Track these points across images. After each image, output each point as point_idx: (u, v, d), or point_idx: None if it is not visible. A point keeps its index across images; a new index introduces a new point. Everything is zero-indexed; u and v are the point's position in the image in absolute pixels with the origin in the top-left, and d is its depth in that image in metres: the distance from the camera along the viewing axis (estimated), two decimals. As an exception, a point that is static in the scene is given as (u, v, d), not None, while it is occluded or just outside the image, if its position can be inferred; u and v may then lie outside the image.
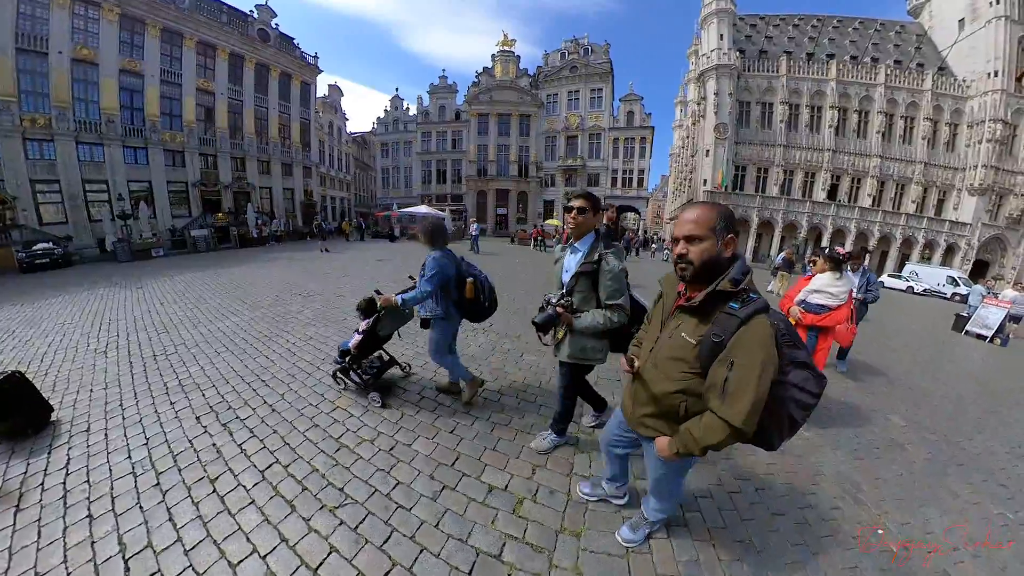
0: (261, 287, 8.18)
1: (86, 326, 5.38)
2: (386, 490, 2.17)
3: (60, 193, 17.16)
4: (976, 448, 3.17)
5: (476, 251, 17.30)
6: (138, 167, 19.70)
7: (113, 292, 7.96)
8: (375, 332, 3.05)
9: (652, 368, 1.37)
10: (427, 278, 2.66)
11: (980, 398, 4.48)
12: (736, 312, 1.15)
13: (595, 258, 1.96)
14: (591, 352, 2.11)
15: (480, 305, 2.85)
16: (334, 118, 37.17)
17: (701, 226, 1.19)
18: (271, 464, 2.37)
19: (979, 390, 4.80)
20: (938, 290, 19.78)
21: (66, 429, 2.71)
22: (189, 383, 3.44)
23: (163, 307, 6.44)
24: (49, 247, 13.39)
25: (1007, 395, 4.67)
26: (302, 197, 30.28)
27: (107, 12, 17.59)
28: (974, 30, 27.21)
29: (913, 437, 3.24)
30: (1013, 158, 27.07)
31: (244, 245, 19.95)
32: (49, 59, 16.24)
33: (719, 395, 1.15)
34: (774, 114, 29.63)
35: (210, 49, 21.96)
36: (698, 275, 1.24)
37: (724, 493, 2.28)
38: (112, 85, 18.09)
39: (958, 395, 4.49)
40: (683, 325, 1.28)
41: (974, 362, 6.42)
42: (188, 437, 2.60)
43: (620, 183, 32.63)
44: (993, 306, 8.68)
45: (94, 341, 4.71)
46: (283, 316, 5.79)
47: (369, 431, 2.75)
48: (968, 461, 2.95)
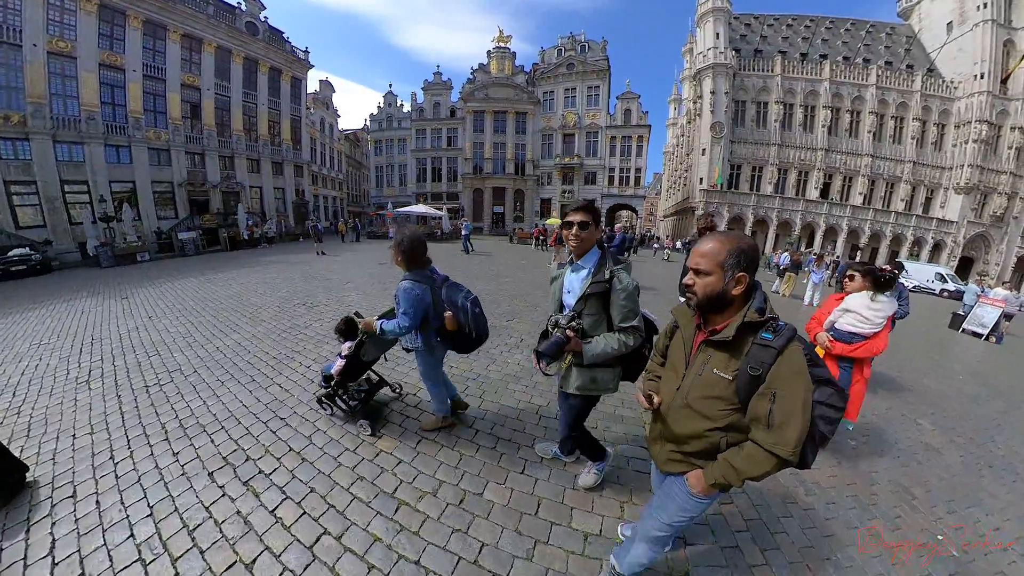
0: (260, 296, 7.61)
1: (66, 347, 4.79)
2: (472, 556, 1.83)
3: (37, 195, 16.09)
4: (1000, 449, 3.33)
5: (468, 251, 16.79)
6: (121, 167, 18.67)
7: (96, 303, 7.31)
8: (358, 357, 2.75)
9: (684, 408, 1.28)
10: (403, 311, 2.31)
11: (991, 398, 4.62)
12: (771, 343, 1.11)
13: (605, 276, 1.72)
14: (602, 383, 1.87)
15: (466, 337, 2.45)
16: (325, 115, 36.12)
17: (709, 261, 1.17)
18: (319, 536, 1.93)
19: (987, 389, 4.94)
20: (927, 286, 20.07)
21: (46, 495, 2.20)
22: (192, 424, 2.95)
23: (152, 322, 5.86)
24: (26, 253, 12.52)
25: (1012, 393, 4.87)
26: (293, 197, 29.35)
27: (85, 2, 16.51)
28: (962, 33, 27.61)
29: (944, 440, 3.37)
30: (997, 158, 27.65)
31: (235, 247, 19.14)
32: (23, 52, 15.15)
33: (763, 427, 1.12)
34: (769, 113, 29.73)
35: (196, 42, 20.92)
36: (702, 307, 1.23)
37: (801, 510, 2.31)
38: (92, 80, 17.04)
39: (971, 395, 4.63)
40: (712, 360, 1.22)
41: (976, 361, 6.57)
42: (203, 503, 2.13)
43: (617, 181, 32.47)
44: (988, 305, 8.96)
45: (75, 367, 4.15)
46: (290, 332, 5.29)
47: (428, 480, 2.34)
48: (997, 462, 3.10)
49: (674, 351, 1.40)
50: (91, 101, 17.05)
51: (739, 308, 1.19)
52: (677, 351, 1.38)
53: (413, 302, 2.29)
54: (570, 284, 1.87)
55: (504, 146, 32.95)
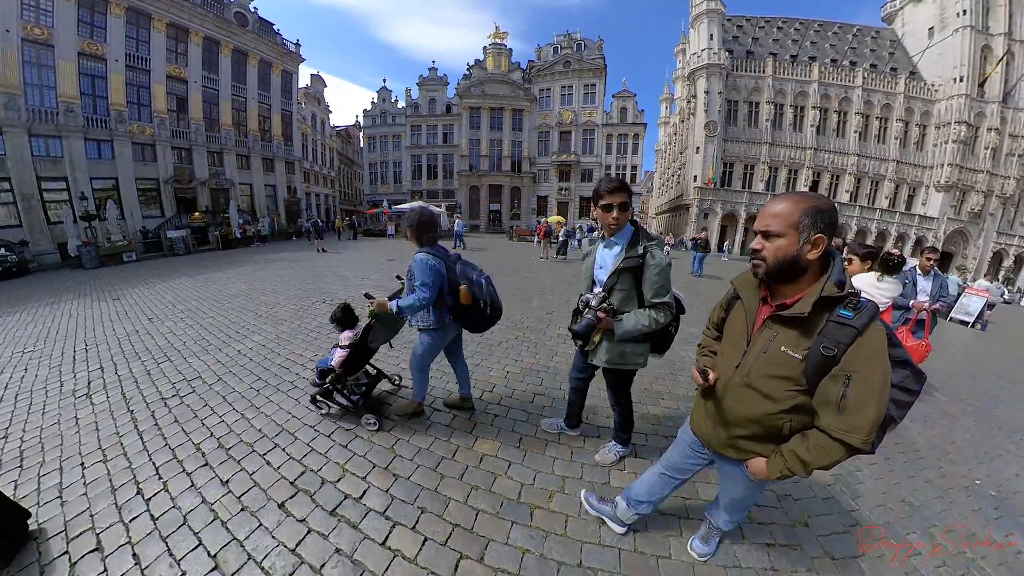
0: (271, 295, 6.96)
1: (55, 354, 4.12)
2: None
3: (12, 192, 14.84)
4: (1004, 415, 3.77)
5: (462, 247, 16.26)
6: (102, 162, 17.46)
7: (84, 305, 6.54)
8: (365, 344, 2.56)
9: (744, 388, 1.17)
10: (421, 283, 2.19)
11: (987, 375, 5.15)
12: (851, 322, 0.99)
13: (639, 252, 1.73)
14: (631, 357, 1.90)
15: (480, 313, 2.31)
16: (317, 110, 34.93)
17: (781, 221, 1.03)
18: (456, 562, 1.54)
19: (982, 368, 5.52)
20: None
21: (59, 548, 1.65)
22: (235, 443, 2.39)
23: (154, 325, 5.19)
24: (1, 254, 11.46)
25: (1004, 372, 5.41)
26: (285, 194, 28.25)
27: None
28: (943, 38, 28.39)
29: (958, 409, 3.78)
30: (975, 157, 28.54)
31: (227, 246, 18.16)
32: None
33: (834, 412, 1.01)
34: (760, 113, 30.03)
35: (182, 32, 19.76)
36: (772, 275, 1.10)
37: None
38: (71, 69, 15.82)
39: (970, 374, 5.14)
40: (780, 337, 1.10)
41: (967, 345, 7.11)
42: (285, 544, 1.62)
43: (614, 180, 32.38)
44: (974, 295, 9.39)
45: (70, 377, 3.51)
46: (319, 331, 4.72)
47: (550, 478, 1.87)
48: (1004, 424, 3.55)
49: (733, 325, 1.28)
50: (70, 92, 15.84)
51: (813, 279, 1.06)
52: (737, 325, 1.25)
53: (431, 272, 2.18)
54: (603, 259, 1.88)
55: (500, 143, 32.43)
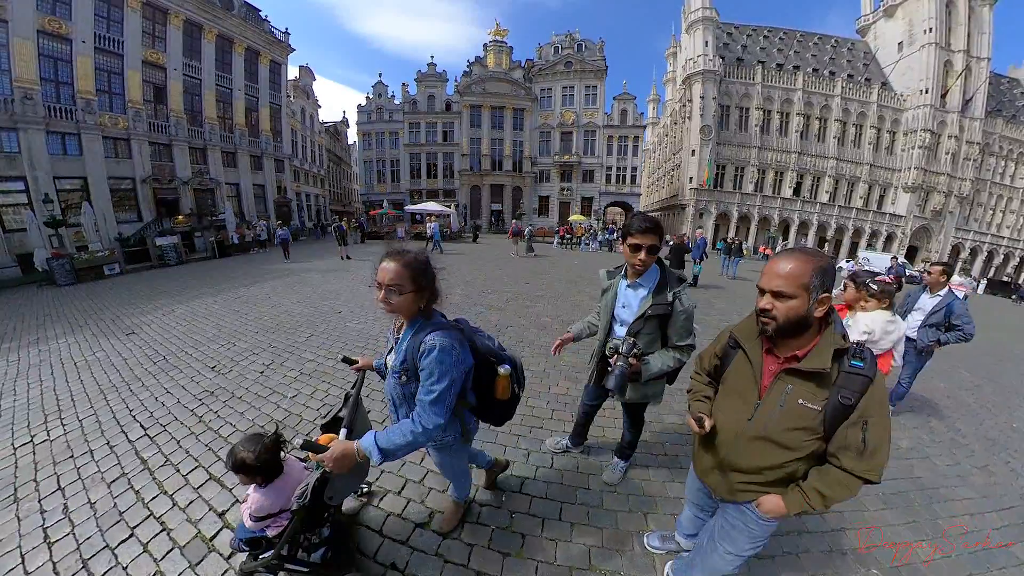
0: (362, 321, 5.28)
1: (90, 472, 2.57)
2: None
3: (-47, 193, 12.20)
4: (1011, 385, 4.86)
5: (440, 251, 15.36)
6: (68, 159, 14.81)
7: (87, 345, 4.60)
8: (321, 502, 1.31)
9: (760, 441, 1.11)
10: (432, 394, 1.23)
11: (982, 357, 6.01)
12: (863, 371, 1.01)
13: (668, 299, 1.65)
14: (651, 397, 1.90)
15: (513, 405, 1.58)
16: (306, 104, 32.08)
17: (792, 283, 1.00)
18: None
19: (973, 352, 6.01)
20: (886, 274, 21.65)
21: None
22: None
23: (226, 379, 3.63)
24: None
25: (993, 352, 6.52)
26: (275, 194, 25.70)
27: (10, -51, 12.62)
28: (911, 52, 30.08)
29: (980, 381, 4.84)
30: (937, 161, 30.70)
31: (223, 254, 16.01)
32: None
33: (855, 456, 1.00)
34: (750, 118, 30.68)
35: (160, 13, 17.10)
36: (781, 332, 1.06)
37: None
38: (28, 50, 13.13)
39: (970, 360, 5.74)
40: (797, 391, 1.06)
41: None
42: None
43: (615, 180, 32.21)
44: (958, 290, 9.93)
45: None
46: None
47: None
48: (1017, 390, 4.64)
49: (736, 376, 1.22)
50: (27, 76, 13.17)
51: (816, 331, 1.07)
52: (741, 377, 1.20)
53: (453, 372, 1.26)
54: (626, 299, 1.83)
55: (502, 142, 31.19)
